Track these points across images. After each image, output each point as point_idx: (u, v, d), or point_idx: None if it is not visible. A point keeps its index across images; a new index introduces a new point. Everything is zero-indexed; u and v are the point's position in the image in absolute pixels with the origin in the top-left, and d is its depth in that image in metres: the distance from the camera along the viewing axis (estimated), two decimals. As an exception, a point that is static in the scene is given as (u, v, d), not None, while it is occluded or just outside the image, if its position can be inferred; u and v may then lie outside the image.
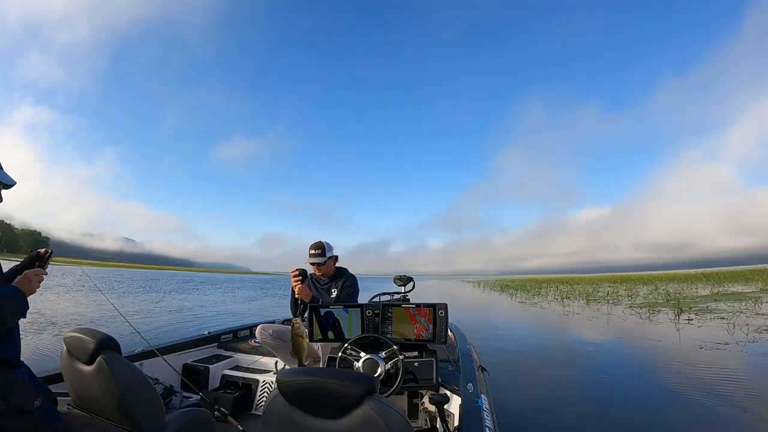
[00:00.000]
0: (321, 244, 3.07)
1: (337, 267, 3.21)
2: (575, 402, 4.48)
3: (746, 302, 13.79)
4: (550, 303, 18.65)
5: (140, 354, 2.53)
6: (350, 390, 1.09)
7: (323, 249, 3.05)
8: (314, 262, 3.04)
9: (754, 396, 4.52)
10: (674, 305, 13.52)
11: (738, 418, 3.91)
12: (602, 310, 14.61)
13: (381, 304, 2.33)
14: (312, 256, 3.06)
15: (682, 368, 5.84)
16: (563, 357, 7.06)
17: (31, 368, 1.59)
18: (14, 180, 1.58)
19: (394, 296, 2.79)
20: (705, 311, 12.28)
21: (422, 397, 2.30)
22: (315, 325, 2.37)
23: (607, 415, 4.04)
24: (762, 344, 7.31)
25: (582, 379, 5.56)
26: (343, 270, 3.23)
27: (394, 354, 2.09)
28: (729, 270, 45.51)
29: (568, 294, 23.53)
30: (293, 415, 1.16)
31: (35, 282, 1.54)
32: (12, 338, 1.52)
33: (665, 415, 4.02)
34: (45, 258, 1.66)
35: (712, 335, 8.27)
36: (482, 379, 2.38)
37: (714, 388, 4.80)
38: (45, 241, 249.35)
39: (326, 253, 3.05)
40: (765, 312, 11.35)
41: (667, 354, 6.83)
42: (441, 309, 2.22)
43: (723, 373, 5.50)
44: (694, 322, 10.31)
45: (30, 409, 1.44)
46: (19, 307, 1.46)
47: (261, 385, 2.97)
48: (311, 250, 3.06)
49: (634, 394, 4.71)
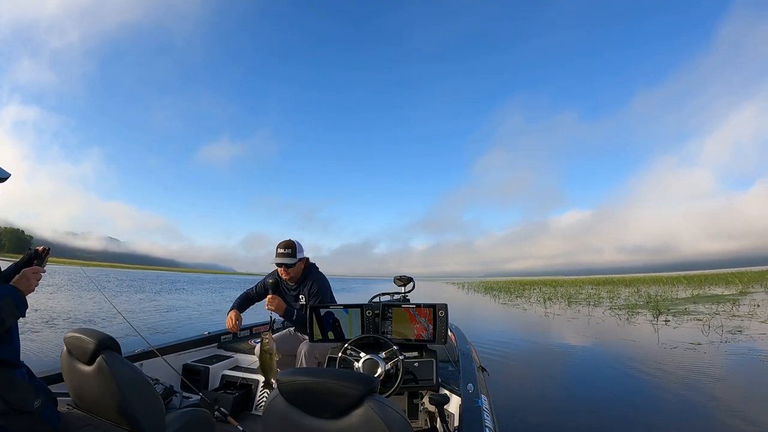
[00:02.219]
0: (291, 243, 2.72)
1: (306, 266, 2.88)
2: (547, 400, 4.60)
3: (724, 304, 14.20)
4: (532, 305, 18.92)
5: (140, 354, 2.50)
6: (350, 390, 1.09)
7: (293, 249, 2.70)
8: (283, 263, 2.69)
9: (720, 392, 4.75)
10: (653, 307, 13.85)
11: (702, 413, 4.10)
12: (583, 311, 14.89)
13: (381, 305, 2.33)
14: (280, 255, 2.69)
15: (654, 367, 6.05)
16: (540, 357, 7.20)
17: (31, 368, 1.57)
18: (8, 172, 1.54)
19: (394, 296, 2.80)
20: (683, 313, 12.62)
21: (422, 397, 2.30)
22: (315, 326, 2.36)
23: (577, 413, 4.17)
24: (734, 344, 7.57)
25: (556, 378, 5.71)
26: (311, 268, 2.88)
27: (394, 354, 2.09)
28: (710, 273, 46.86)
29: (551, 296, 23.90)
30: (293, 415, 1.16)
31: (33, 280, 1.52)
32: (11, 338, 1.50)
33: (633, 411, 4.21)
34: (43, 256, 1.64)
35: (687, 336, 8.53)
36: (482, 379, 2.39)
37: (683, 386, 5.02)
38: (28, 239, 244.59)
39: (296, 254, 2.71)
40: (741, 314, 11.72)
41: (641, 354, 7.04)
42: (441, 309, 2.22)
43: (692, 371, 5.73)
44: (671, 323, 10.59)
45: (30, 409, 1.42)
46: (18, 306, 1.44)
47: (261, 385, 2.95)
48: (279, 249, 2.70)
49: (604, 393, 4.88)
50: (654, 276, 51.02)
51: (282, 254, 2.69)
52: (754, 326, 9.50)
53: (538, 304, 18.84)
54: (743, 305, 13.72)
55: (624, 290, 26.69)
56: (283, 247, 2.71)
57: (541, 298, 23.02)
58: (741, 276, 31.37)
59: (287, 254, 2.68)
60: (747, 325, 9.60)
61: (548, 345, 8.37)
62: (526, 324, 12.23)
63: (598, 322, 11.73)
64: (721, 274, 40.26)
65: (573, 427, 3.83)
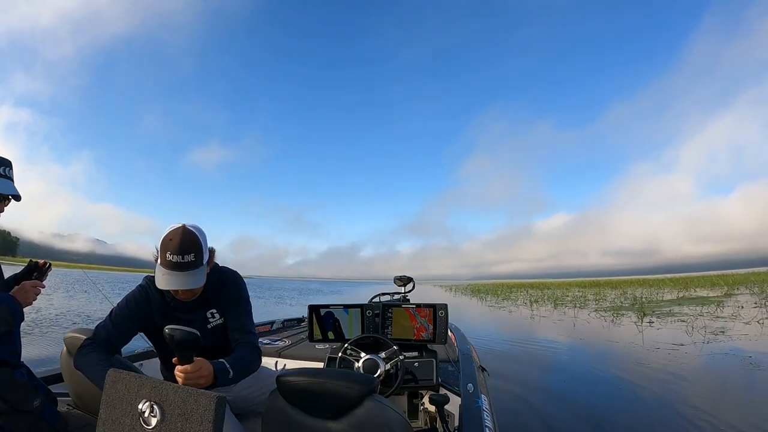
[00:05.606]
0: (193, 240, 1.47)
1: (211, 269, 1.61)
2: (527, 403, 4.63)
3: (708, 306, 14.47)
4: (518, 307, 19.09)
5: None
6: (350, 390, 1.10)
7: (198, 251, 1.47)
8: (184, 287, 1.46)
9: (699, 392, 4.89)
10: (638, 309, 14.08)
11: (679, 412, 4.19)
12: (569, 313, 15.04)
13: (381, 305, 2.33)
14: (177, 267, 1.44)
15: (637, 368, 6.18)
16: (524, 358, 7.27)
17: (31, 368, 1.56)
18: (19, 193, 1.54)
19: (394, 296, 2.80)
20: (668, 314, 12.84)
21: (422, 397, 2.30)
22: (315, 326, 2.35)
23: (556, 414, 4.22)
24: (717, 344, 7.74)
25: (538, 379, 5.80)
26: (218, 271, 1.69)
27: (394, 354, 2.09)
28: (696, 275, 47.79)
29: (537, 298, 24.12)
30: (293, 415, 1.17)
31: (32, 294, 1.51)
32: (12, 339, 1.49)
33: (612, 411, 4.32)
34: (43, 270, 1.63)
35: (671, 337, 8.69)
36: (482, 379, 2.39)
37: (663, 385, 5.14)
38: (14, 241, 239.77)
39: (203, 258, 1.51)
40: (726, 315, 11.96)
41: (624, 354, 7.20)
42: (441, 309, 2.23)
43: (673, 371, 5.86)
44: (655, 325, 10.78)
45: (30, 409, 1.41)
46: (14, 316, 1.43)
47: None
48: (173, 255, 1.42)
49: (585, 393, 5.00)
50: (640, 278, 51.91)
51: (181, 265, 1.44)
52: (737, 327, 9.72)
53: (525, 307, 19.00)
54: (727, 307, 14.01)
55: (610, 292, 27.09)
56: (179, 251, 1.43)
57: (527, 300, 23.22)
58: (726, 278, 32.05)
59: (190, 264, 1.45)
60: (730, 327, 9.82)
61: (532, 346, 8.47)
62: (511, 326, 12.40)
63: (583, 324, 11.89)
64: (706, 276, 41.10)
65: (553, 427, 3.88)
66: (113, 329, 1.58)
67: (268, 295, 32.29)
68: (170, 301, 1.63)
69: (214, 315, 1.68)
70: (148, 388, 1.00)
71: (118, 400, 1.03)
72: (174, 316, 1.63)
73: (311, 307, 2.35)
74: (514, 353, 7.71)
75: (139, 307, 1.63)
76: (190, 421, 0.92)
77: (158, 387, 0.99)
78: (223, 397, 0.93)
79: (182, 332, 1.15)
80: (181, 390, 0.96)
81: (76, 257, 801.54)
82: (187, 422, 0.92)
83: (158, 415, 0.96)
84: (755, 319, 10.76)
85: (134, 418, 0.99)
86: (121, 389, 1.03)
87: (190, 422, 0.92)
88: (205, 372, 1.27)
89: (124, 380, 1.04)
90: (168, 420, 0.95)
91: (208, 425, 0.90)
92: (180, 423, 0.93)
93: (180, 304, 1.61)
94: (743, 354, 6.80)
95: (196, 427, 0.91)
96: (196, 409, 0.92)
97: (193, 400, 0.93)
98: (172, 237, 1.45)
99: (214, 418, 0.90)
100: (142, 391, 1.00)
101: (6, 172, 1.51)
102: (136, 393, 1.01)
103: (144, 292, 1.65)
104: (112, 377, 1.07)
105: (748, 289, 22.89)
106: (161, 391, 0.98)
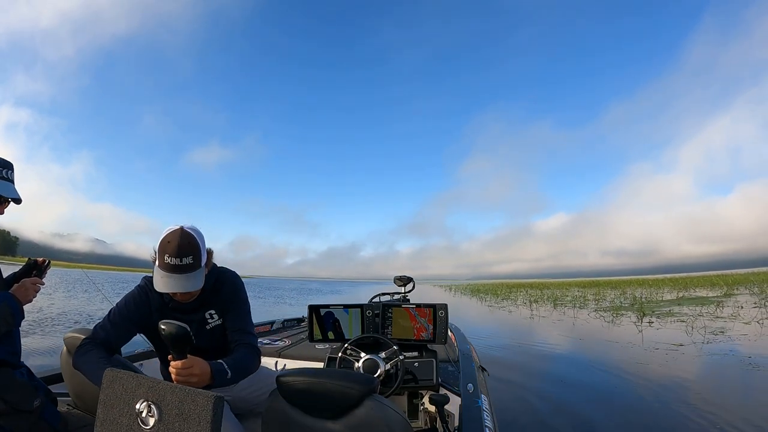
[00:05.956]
0: (191, 243, 1.46)
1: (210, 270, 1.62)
2: (526, 402, 4.64)
3: (708, 306, 14.47)
4: (518, 307, 19.07)
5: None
6: (350, 390, 1.10)
7: (197, 253, 1.47)
8: (182, 290, 1.46)
9: (698, 391, 4.89)
10: (637, 309, 14.07)
11: (679, 411, 4.20)
12: (568, 313, 15.04)
13: (381, 305, 2.32)
14: (175, 270, 1.43)
15: (636, 367, 6.19)
16: (523, 358, 7.27)
17: (31, 368, 1.55)
18: (20, 196, 1.55)
19: (394, 296, 2.80)
20: (667, 314, 12.84)
21: (422, 397, 2.30)
22: (315, 326, 2.34)
23: (556, 413, 4.23)
24: (716, 345, 7.73)
25: (537, 378, 5.79)
26: (216, 272, 1.68)
27: (394, 354, 2.08)
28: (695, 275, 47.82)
29: (537, 298, 24.12)
30: (293, 415, 1.17)
31: (32, 291, 1.51)
32: (12, 339, 1.49)
33: (611, 410, 4.33)
34: (42, 267, 1.63)
35: (671, 337, 8.69)
36: (482, 379, 2.38)
37: (662, 385, 5.15)
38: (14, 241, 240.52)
39: (201, 260, 1.50)
40: (725, 315, 11.96)
41: (624, 354, 7.18)
42: (441, 309, 2.22)
43: (673, 371, 5.88)
44: (655, 325, 10.78)
45: (30, 409, 1.41)
46: (14, 314, 1.43)
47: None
48: (171, 259, 1.42)
49: (585, 392, 4.98)
50: (639, 278, 51.95)
51: (179, 267, 1.43)
52: (737, 327, 9.72)
53: (524, 307, 18.98)
54: (727, 307, 14.00)
55: (610, 292, 27.11)
56: (177, 254, 1.42)
57: (527, 300, 23.23)
58: (726, 278, 32.07)
59: (189, 266, 1.45)
60: (730, 327, 9.82)
61: (532, 346, 8.47)
62: (511, 326, 12.39)
63: (583, 324, 11.90)
64: (706, 276, 41.12)
65: (553, 427, 3.88)
66: (112, 329, 1.59)
67: (267, 295, 32.30)
68: (169, 302, 1.64)
69: (212, 316, 1.68)
70: (146, 387, 0.99)
71: (116, 400, 1.03)
72: (173, 316, 1.55)
73: (311, 307, 2.34)
74: (514, 353, 7.71)
75: (138, 308, 1.64)
76: (188, 421, 0.92)
77: (156, 387, 0.98)
78: (221, 396, 0.92)
79: (173, 326, 1.18)
80: (178, 390, 0.96)
81: (75, 257, 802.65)
82: (185, 422, 0.92)
83: (156, 415, 0.96)
84: (755, 319, 10.77)
85: (132, 418, 0.99)
86: (119, 389, 1.03)
87: (188, 422, 0.92)
88: (197, 370, 1.28)
89: (122, 380, 1.04)
90: (166, 420, 0.95)
91: (206, 425, 0.90)
92: (178, 423, 0.93)
93: (178, 305, 1.62)
94: (743, 354, 6.81)
95: (194, 427, 0.91)
96: (193, 409, 0.92)
97: (190, 400, 0.93)
98: (170, 239, 1.45)
99: (212, 418, 0.90)
100: (139, 390, 1.00)
101: (7, 175, 1.50)
102: (133, 393, 1.00)
103: (143, 293, 1.66)
104: (110, 377, 1.06)
105: (748, 289, 22.91)
106: (159, 391, 0.97)
